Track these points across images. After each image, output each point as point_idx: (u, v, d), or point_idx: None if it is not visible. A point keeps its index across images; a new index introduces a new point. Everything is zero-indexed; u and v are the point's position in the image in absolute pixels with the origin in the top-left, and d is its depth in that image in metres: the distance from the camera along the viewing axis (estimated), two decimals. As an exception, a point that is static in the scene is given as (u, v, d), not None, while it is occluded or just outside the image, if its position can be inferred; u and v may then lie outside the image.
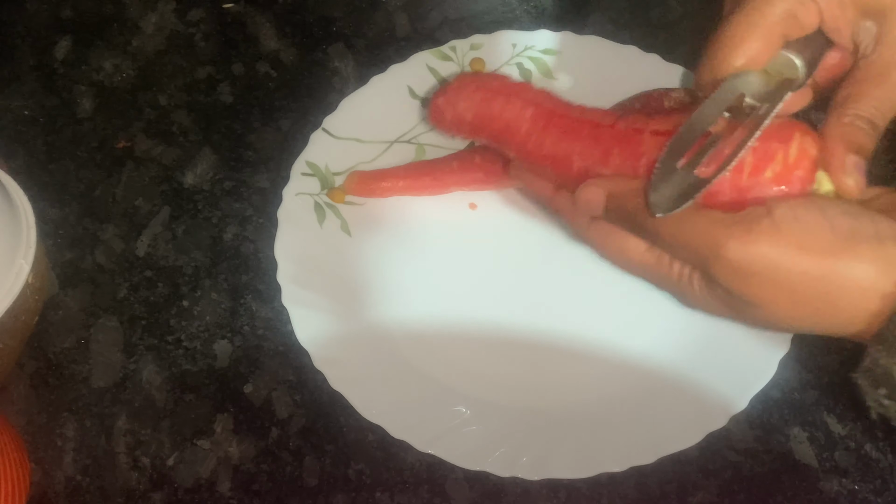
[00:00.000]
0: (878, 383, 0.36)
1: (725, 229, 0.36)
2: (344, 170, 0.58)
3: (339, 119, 0.59)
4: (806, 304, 0.36)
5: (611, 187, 0.41)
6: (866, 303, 0.35)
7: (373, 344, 0.53)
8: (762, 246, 0.35)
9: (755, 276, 0.36)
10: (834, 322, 0.37)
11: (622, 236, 0.41)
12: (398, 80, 0.61)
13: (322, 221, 0.56)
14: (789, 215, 0.36)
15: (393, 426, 0.49)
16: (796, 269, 0.35)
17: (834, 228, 0.35)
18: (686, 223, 0.38)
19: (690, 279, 0.39)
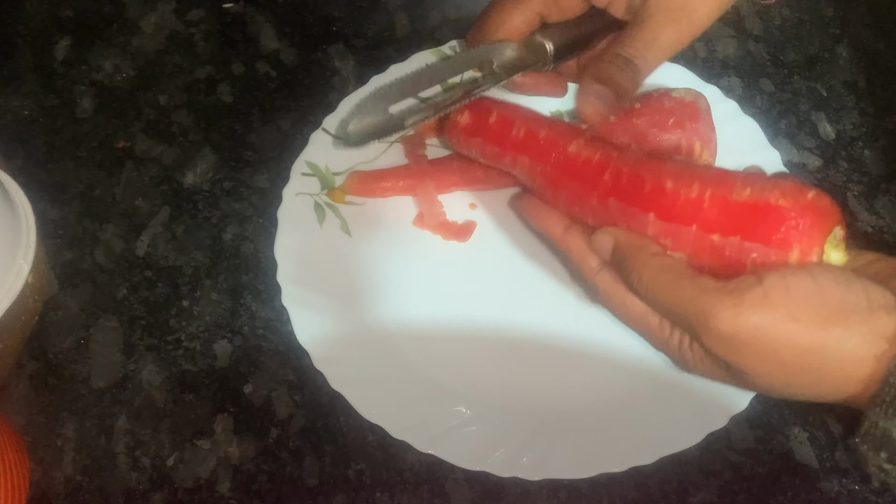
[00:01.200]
0: (878, 447, 0.35)
1: (716, 300, 0.36)
2: (344, 170, 0.58)
3: (338, 119, 0.59)
4: (799, 374, 0.36)
5: (619, 238, 0.42)
6: (859, 371, 0.35)
7: (373, 344, 0.53)
8: (752, 317, 0.35)
9: (746, 347, 0.36)
10: (828, 390, 0.37)
11: (627, 291, 0.42)
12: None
13: (322, 221, 0.56)
14: (780, 285, 0.35)
15: (393, 426, 0.49)
16: (787, 342, 0.35)
17: (824, 299, 0.35)
18: (676, 289, 0.38)
19: (690, 348, 0.39)
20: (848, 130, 0.64)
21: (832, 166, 0.62)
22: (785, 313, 0.35)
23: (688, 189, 0.40)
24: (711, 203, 0.40)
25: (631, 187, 0.43)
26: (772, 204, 0.38)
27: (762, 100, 0.65)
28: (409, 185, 0.57)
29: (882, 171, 0.62)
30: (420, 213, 0.57)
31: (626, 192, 0.43)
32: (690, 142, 0.53)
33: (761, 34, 0.69)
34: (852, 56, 0.68)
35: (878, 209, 0.60)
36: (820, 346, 0.35)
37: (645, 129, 0.54)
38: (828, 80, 0.66)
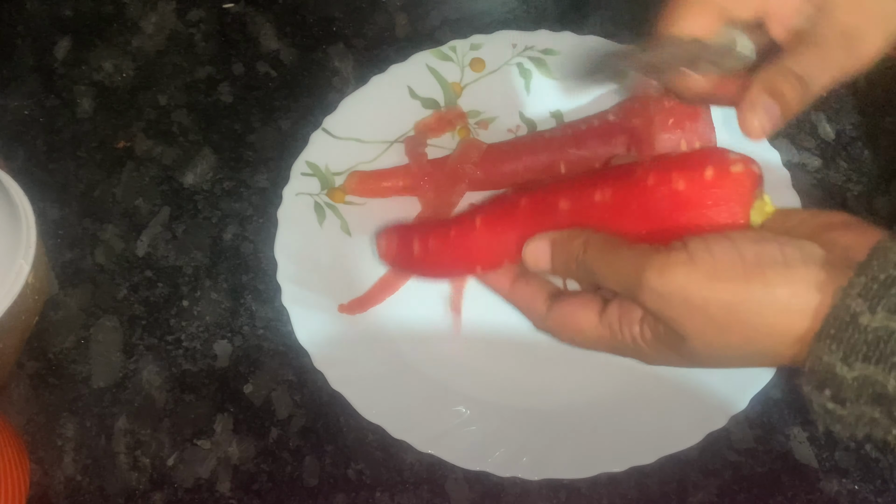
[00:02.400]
0: (822, 385, 0.35)
1: (645, 260, 0.38)
2: (344, 170, 0.58)
3: (339, 119, 0.59)
4: (729, 330, 0.37)
5: (552, 236, 0.44)
6: (788, 324, 0.36)
7: (373, 344, 0.53)
8: (677, 275, 0.37)
9: (675, 305, 0.38)
10: (766, 346, 0.37)
11: (575, 315, 0.44)
12: (398, 80, 0.61)
13: (322, 221, 0.56)
14: (702, 247, 0.37)
15: (393, 426, 0.49)
16: (710, 297, 0.37)
17: (743, 257, 0.37)
18: (615, 256, 0.40)
19: (642, 337, 0.41)
20: (848, 130, 0.64)
21: (832, 166, 0.62)
22: (706, 272, 0.37)
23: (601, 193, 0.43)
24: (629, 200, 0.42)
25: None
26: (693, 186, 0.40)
27: (762, 100, 0.65)
28: (409, 184, 0.57)
29: (882, 171, 0.62)
30: (420, 212, 0.57)
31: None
32: (690, 142, 0.53)
33: (761, 34, 0.69)
34: (852, 56, 0.68)
35: (877, 209, 0.60)
36: (742, 299, 0.36)
37: (645, 129, 0.54)
38: (828, 80, 0.66)
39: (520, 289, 0.47)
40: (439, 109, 0.61)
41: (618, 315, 0.42)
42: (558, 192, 0.44)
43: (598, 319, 0.43)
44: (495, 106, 0.61)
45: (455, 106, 0.61)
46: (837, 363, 0.34)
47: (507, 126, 0.61)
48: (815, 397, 0.36)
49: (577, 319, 0.44)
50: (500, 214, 0.46)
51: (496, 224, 0.46)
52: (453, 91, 0.61)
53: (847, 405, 0.35)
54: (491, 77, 0.62)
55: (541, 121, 0.61)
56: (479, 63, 0.62)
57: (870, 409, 0.35)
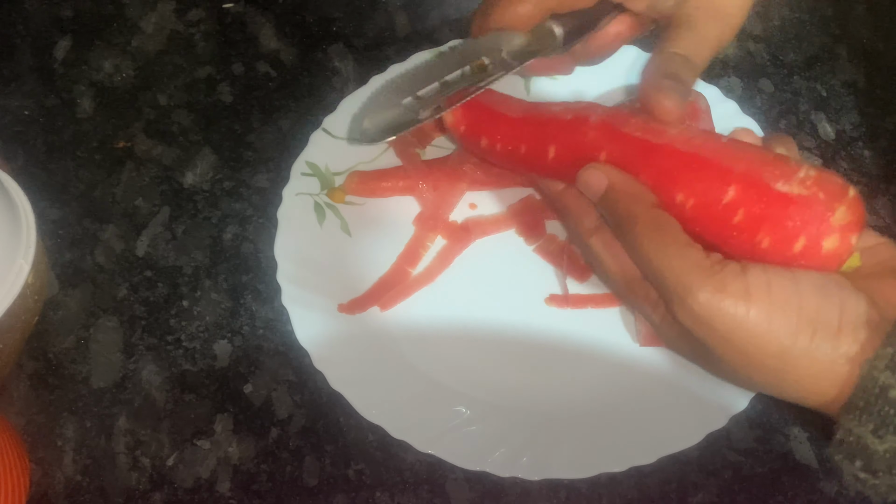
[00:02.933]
0: (853, 456, 0.35)
1: (698, 278, 0.36)
2: (344, 170, 0.58)
3: (339, 119, 0.59)
4: (760, 372, 0.37)
5: (614, 179, 0.41)
6: (818, 387, 0.36)
7: (373, 344, 0.53)
8: (729, 307, 0.36)
9: (716, 332, 0.37)
10: (790, 395, 0.37)
11: (618, 257, 0.42)
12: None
13: (322, 221, 0.56)
14: (762, 282, 0.36)
15: (393, 426, 0.49)
16: (754, 340, 0.36)
17: (801, 307, 0.35)
18: (663, 254, 0.38)
19: (663, 321, 0.40)
20: (848, 130, 0.64)
21: (832, 166, 0.62)
22: (760, 312, 0.35)
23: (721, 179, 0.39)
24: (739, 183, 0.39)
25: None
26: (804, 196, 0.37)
27: (762, 100, 0.65)
28: (409, 185, 0.57)
29: (882, 171, 0.62)
30: (420, 212, 0.57)
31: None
32: None
33: (761, 34, 0.69)
34: (852, 56, 0.68)
35: (877, 209, 0.60)
36: (783, 353, 0.35)
37: None
38: (827, 80, 0.66)
39: (572, 194, 0.45)
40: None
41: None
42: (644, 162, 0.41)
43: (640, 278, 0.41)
44: None
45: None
46: (868, 435, 0.34)
47: None
48: (845, 467, 0.36)
49: (618, 262, 0.42)
50: (574, 155, 0.44)
51: (567, 162, 0.44)
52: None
53: (879, 475, 0.35)
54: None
55: None
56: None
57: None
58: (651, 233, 0.39)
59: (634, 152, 0.42)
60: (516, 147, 0.47)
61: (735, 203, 0.38)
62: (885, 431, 0.34)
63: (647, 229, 0.39)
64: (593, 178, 0.42)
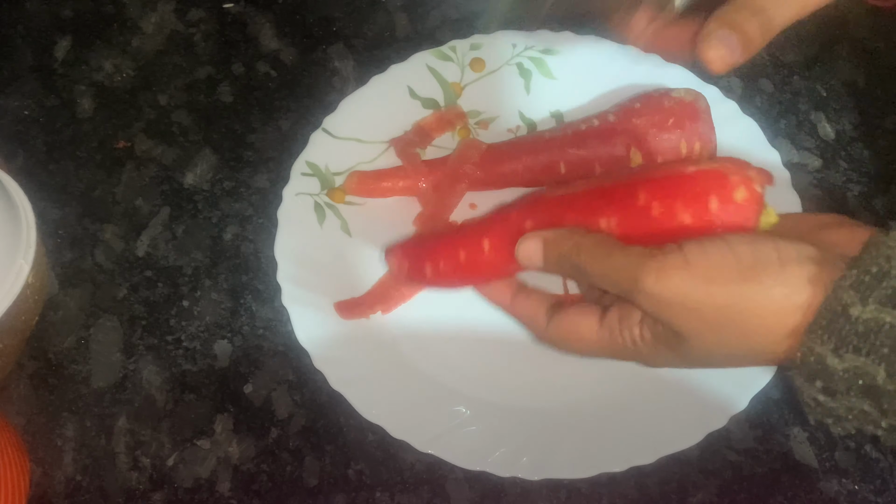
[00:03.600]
0: (813, 377, 0.36)
1: (641, 264, 0.39)
2: (344, 170, 0.58)
3: (339, 119, 0.59)
4: (725, 331, 0.38)
5: (546, 235, 0.44)
6: (781, 322, 0.36)
7: (373, 344, 0.53)
8: (673, 279, 0.38)
9: (673, 307, 0.38)
10: (760, 346, 0.38)
11: (575, 323, 0.44)
12: (398, 80, 0.61)
13: (322, 221, 0.56)
14: (697, 249, 0.38)
15: (393, 426, 0.49)
16: (705, 300, 0.37)
17: (738, 258, 0.37)
18: (609, 260, 0.40)
19: (641, 339, 0.42)
20: (848, 130, 0.64)
21: (832, 166, 0.62)
22: (702, 274, 0.37)
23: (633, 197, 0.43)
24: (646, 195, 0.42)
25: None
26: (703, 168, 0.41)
27: (762, 100, 0.65)
28: (409, 185, 0.57)
29: (882, 171, 0.62)
30: (420, 212, 0.57)
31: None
32: (690, 142, 0.53)
33: (761, 34, 0.69)
34: (852, 56, 0.68)
35: (877, 209, 0.60)
36: (737, 300, 0.37)
37: (645, 129, 0.54)
38: (827, 80, 0.66)
39: (520, 302, 0.48)
40: (439, 109, 0.61)
41: (618, 318, 0.42)
42: (563, 212, 0.45)
43: (598, 325, 0.43)
44: (495, 106, 0.61)
45: (455, 106, 0.61)
46: (828, 354, 0.35)
47: (507, 126, 0.61)
48: (806, 389, 0.36)
49: (578, 327, 0.44)
50: (506, 237, 0.46)
51: (503, 247, 0.47)
52: (453, 91, 0.61)
53: (838, 397, 0.35)
54: (491, 77, 0.62)
55: (541, 121, 0.61)
56: (479, 63, 0.62)
57: (859, 401, 0.35)
58: (594, 249, 0.41)
59: (554, 209, 0.45)
60: (456, 256, 0.49)
61: (647, 201, 0.42)
62: (844, 350, 0.34)
63: (589, 249, 0.41)
64: (527, 244, 0.44)
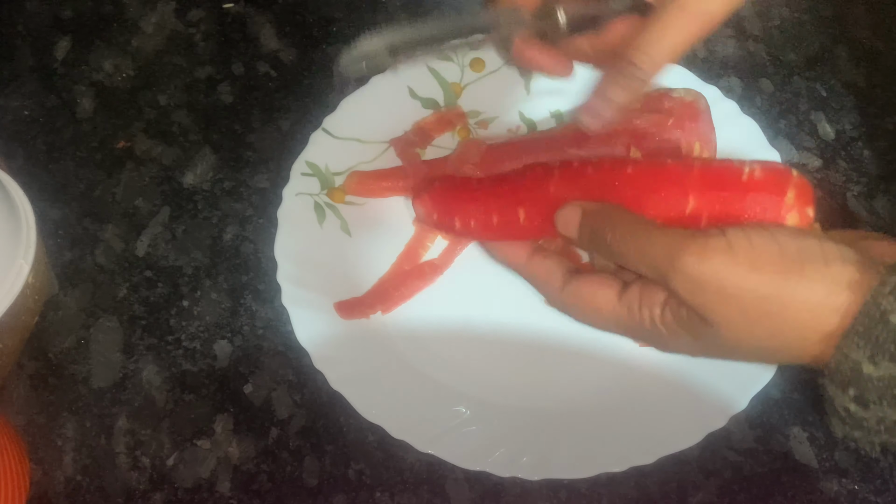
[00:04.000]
0: (846, 384, 0.35)
1: (682, 244, 0.38)
2: (344, 170, 0.58)
3: (339, 119, 0.59)
4: (759, 322, 0.37)
5: (586, 206, 0.44)
6: (818, 321, 0.36)
7: (373, 344, 0.53)
8: (714, 262, 0.37)
9: (709, 292, 0.37)
10: (792, 342, 0.37)
11: (593, 292, 0.43)
12: (398, 80, 0.61)
13: (322, 221, 0.56)
14: (741, 236, 0.37)
15: (393, 426, 0.49)
16: (746, 287, 0.37)
17: (783, 250, 0.37)
18: (647, 236, 0.40)
19: (661, 320, 0.41)
20: (847, 130, 0.64)
21: (832, 166, 0.62)
22: (745, 262, 0.37)
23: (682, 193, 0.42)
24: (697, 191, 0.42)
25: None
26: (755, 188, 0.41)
27: (762, 100, 0.65)
28: (409, 185, 0.57)
29: (882, 171, 0.62)
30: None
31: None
32: (690, 142, 0.53)
33: (761, 34, 0.69)
34: (852, 56, 0.68)
35: (877, 209, 0.60)
36: (777, 292, 0.36)
37: (645, 129, 0.54)
38: (827, 80, 0.66)
39: (537, 262, 0.47)
40: (439, 109, 0.61)
41: (638, 296, 0.41)
42: (604, 195, 0.44)
43: (616, 299, 0.42)
44: (495, 106, 0.61)
45: (455, 106, 0.61)
46: (864, 361, 0.34)
47: (507, 126, 0.61)
48: (837, 397, 0.36)
49: (594, 297, 0.43)
50: (543, 209, 0.46)
51: (538, 217, 0.46)
52: (453, 91, 0.61)
53: (870, 407, 0.35)
54: (491, 77, 0.62)
55: (541, 121, 0.61)
56: (479, 63, 0.62)
57: (893, 411, 0.34)
58: (630, 225, 0.41)
59: (595, 194, 0.44)
60: (488, 219, 0.48)
61: (697, 211, 0.42)
62: (881, 357, 0.34)
63: (625, 224, 0.41)
64: (568, 212, 0.44)
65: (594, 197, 0.44)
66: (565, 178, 0.46)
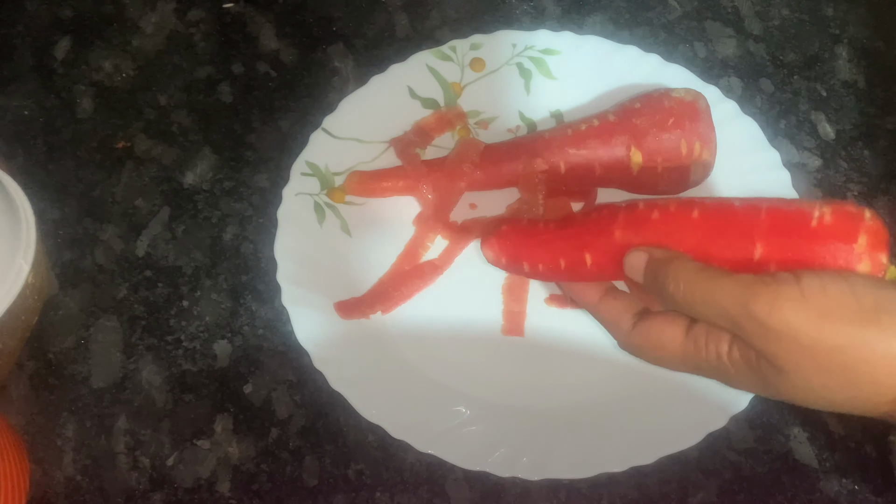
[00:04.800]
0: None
1: (753, 291, 0.37)
2: (344, 170, 0.58)
3: (338, 119, 0.59)
4: (832, 373, 0.36)
5: (654, 253, 0.43)
6: (893, 377, 0.35)
7: (373, 344, 0.53)
8: (787, 312, 0.36)
9: (782, 341, 0.37)
10: (865, 395, 0.37)
11: (661, 331, 0.43)
12: (398, 79, 0.61)
13: (322, 221, 0.56)
14: (816, 284, 0.36)
15: (393, 426, 0.49)
16: (820, 338, 0.36)
17: (859, 300, 0.36)
18: (716, 284, 0.39)
19: (729, 357, 0.40)
20: (848, 130, 0.64)
21: (832, 166, 0.62)
22: (819, 311, 0.36)
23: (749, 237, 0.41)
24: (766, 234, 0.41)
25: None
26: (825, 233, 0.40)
27: (762, 100, 0.65)
28: (409, 184, 0.57)
29: (882, 171, 0.62)
30: (420, 212, 0.57)
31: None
32: (690, 142, 0.53)
33: (761, 34, 0.69)
34: (852, 56, 0.68)
35: (877, 209, 0.60)
36: (852, 342, 0.35)
37: (645, 129, 0.54)
38: (827, 80, 0.66)
39: (607, 304, 0.47)
40: (439, 109, 0.61)
41: (705, 332, 0.41)
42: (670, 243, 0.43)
43: (683, 336, 0.42)
44: (495, 106, 0.61)
45: (455, 106, 0.61)
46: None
47: (507, 126, 0.61)
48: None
49: (662, 336, 0.43)
50: (609, 255, 0.45)
51: (604, 262, 0.46)
52: (453, 91, 0.61)
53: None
54: (491, 77, 0.62)
55: (541, 121, 0.61)
56: (479, 63, 0.62)
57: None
58: (698, 274, 0.40)
59: (661, 238, 0.44)
60: (556, 263, 0.48)
61: (765, 258, 0.40)
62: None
63: (693, 273, 0.40)
64: (634, 258, 0.44)
65: (660, 241, 0.43)
66: (630, 221, 0.45)
